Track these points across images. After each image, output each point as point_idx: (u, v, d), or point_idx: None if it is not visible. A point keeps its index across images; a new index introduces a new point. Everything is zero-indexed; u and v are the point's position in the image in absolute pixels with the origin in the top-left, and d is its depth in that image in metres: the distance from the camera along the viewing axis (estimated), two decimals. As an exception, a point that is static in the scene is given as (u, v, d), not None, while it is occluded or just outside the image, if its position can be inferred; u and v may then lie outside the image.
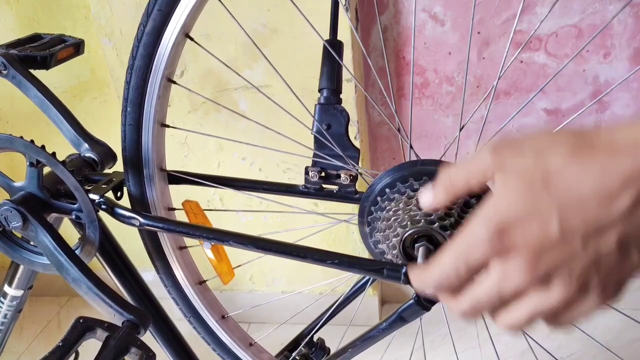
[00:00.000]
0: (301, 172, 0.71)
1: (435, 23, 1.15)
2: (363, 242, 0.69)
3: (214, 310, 0.84)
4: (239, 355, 0.85)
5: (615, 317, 1.39)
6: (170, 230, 0.68)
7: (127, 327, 0.61)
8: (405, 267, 0.62)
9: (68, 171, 0.62)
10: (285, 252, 0.65)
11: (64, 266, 0.64)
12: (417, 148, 1.29)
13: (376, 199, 0.64)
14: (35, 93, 0.71)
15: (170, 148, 0.72)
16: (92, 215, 0.65)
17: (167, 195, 0.76)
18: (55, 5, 1.26)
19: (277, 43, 1.11)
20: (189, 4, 0.61)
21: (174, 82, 0.68)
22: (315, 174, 0.69)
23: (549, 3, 1.09)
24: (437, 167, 0.61)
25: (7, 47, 0.73)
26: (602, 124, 1.22)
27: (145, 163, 0.70)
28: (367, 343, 0.74)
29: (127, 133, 0.69)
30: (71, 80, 1.34)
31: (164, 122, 0.71)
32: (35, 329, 1.58)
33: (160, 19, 0.62)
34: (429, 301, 0.66)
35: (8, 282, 0.83)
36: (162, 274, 0.80)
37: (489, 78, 1.19)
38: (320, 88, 0.68)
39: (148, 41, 0.64)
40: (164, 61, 0.65)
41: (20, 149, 0.62)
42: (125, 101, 0.68)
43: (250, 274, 1.46)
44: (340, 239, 1.33)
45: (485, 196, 0.52)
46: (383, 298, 1.52)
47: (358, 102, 1.17)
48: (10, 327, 0.87)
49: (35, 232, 0.64)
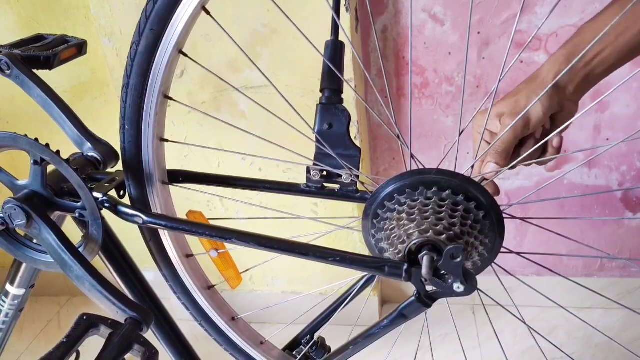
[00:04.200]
0: (301, 172, 0.71)
1: (435, 23, 1.15)
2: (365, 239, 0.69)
3: (224, 312, 0.84)
4: (251, 354, 0.86)
5: (615, 316, 1.40)
6: (173, 228, 0.68)
7: (130, 324, 0.61)
8: (407, 264, 0.62)
9: (72, 169, 0.62)
10: (287, 249, 0.65)
11: (68, 264, 0.64)
12: (417, 148, 1.30)
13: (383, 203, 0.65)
14: (39, 93, 0.71)
15: (171, 148, 0.73)
16: (95, 214, 0.65)
17: (171, 205, 0.76)
18: (55, 5, 1.26)
19: (277, 43, 1.12)
20: (181, 22, 0.61)
21: (170, 99, 0.68)
22: (316, 173, 0.70)
23: (549, 3, 1.10)
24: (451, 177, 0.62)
25: (11, 47, 0.73)
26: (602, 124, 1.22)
27: (147, 177, 0.71)
28: (368, 340, 0.74)
29: (126, 150, 0.69)
30: (72, 80, 1.35)
31: (163, 137, 0.71)
32: (36, 328, 1.59)
33: (153, 38, 0.62)
34: (430, 298, 0.66)
35: (10, 280, 0.83)
36: (171, 282, 0.80)
37: (489, 78, 1.20)
38: (322, 88, 0.68)
39: (142, 60, 0.63)
40: (159, 78, 0.65)
41: (25, 147, 0.62)
42: (123, 119, 0.67)
43: (251, 274, 1.46)
44: (340, 239, 1.34)
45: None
46: (383, 298, 1.52)
47: (358, 102, 1.17)
48: (11, 326, 0.87)
49: (39, 230, 0.64)
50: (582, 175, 1.29)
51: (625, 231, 1.36)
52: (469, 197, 0.62)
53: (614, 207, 1.33)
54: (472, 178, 0.63)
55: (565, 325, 1.40)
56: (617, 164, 1.27)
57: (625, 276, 1.41)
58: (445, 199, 0.62)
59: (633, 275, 1.41)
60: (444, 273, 0.61)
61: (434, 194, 0.62)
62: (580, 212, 1.35)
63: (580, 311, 1.42)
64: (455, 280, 0.60)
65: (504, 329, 1.40)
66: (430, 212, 0.62)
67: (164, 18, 0.61)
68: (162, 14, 0.60)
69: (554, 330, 1.39)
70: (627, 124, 1.21)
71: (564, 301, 1.41)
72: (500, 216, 0.63)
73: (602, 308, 1.43)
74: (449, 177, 0.62)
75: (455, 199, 0.62)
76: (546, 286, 1.18)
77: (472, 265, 0.66)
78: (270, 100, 1.15)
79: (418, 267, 0.61)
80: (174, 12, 0.60)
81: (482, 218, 0.62)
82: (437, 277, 0.61)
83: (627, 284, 1.41)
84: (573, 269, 1.43)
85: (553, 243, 1.38)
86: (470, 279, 0.61)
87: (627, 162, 1.26)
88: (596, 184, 1.30)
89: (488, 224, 0.63)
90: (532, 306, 1.42)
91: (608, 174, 1.28)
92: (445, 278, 0.61)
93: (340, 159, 0.67)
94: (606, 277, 1.42)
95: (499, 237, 0.64)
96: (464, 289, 0.61)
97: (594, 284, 1.41)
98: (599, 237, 1.37)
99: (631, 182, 1.28)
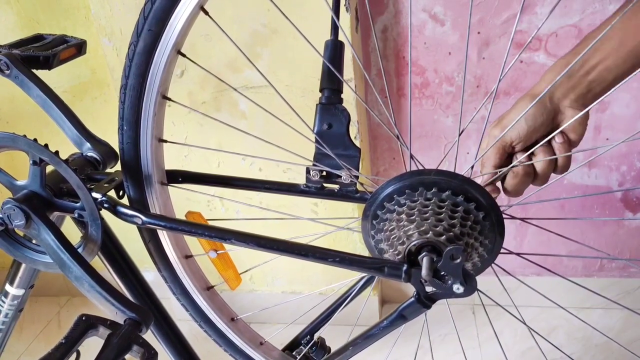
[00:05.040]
0: (301, 172, 0.71)
1: (435, 23, 1.15)
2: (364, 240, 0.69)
3: (224, 313, 0.84)
4: (251, 355, 0.86)
5: (615, 316, 1.40)
6: (172, 228, 0.68)
7: (129, 325, 0.61)
8: (406, 265, 0.62)
9: (71, 169, 0.62)
10: (287, 250, 0.65)
11: (67, 264, 0.64)
12: (417, 148, 1.29)
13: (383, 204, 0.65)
14: (38, 93, 0.71)
15: (171, 148, 0.73)
16: (94, 214, 0.65)
17: (170, 206, 0.76)
18: (55, 5, 1.26)
19: (277, 43, 1.11)
20: (179, 22, 0.61)
21: (168, 99, 0.68)
22: (316, 173, 0.70)
23: (549, 3, 1.10)
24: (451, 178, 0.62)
25: (10, 47, 0.73)
26: (602, 124, 1.22)
27: (146, 178, 0.71)
28: (368, 341, 0.74)
29: (125, 151, 0.69)
30: (71, 80, 1.35)
31: (162, 138, 0.71)
32: (35, 329, 1.58)
33: (151, 39, 0.62)
34: (430, 299, 0.66)
35: (10, 281, 0.83)
36: (170, 283, 0.80)
37: (489, 78, 1.19)
38: (322, 88, 0.68)
39: (140, 60, 0.63)
40: (157, 79, 0.64)
41: (24, 147, 0.62)
42: (121, 120, 0.67)
43: (251, 274, 1.46)
44: (340, 239, 1.34)
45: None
46: (383, 298, 1.52)
47: (358, 102, 1.17)
48: (11, 327, 0.87)
49: (37, 231, 0.64)
50: (582, 175, 1.29)
51: (625, 231, 1.36)
52: (468, 198, 0.62)
53: (614, 207, 1.33)
54: (472, 178, 0.63)
55: (565, 326, 1.40)
56: (617, 164, 1.27)
57: (625, 276, 1.41)
58: (444, 199, 0.62)
59: (633, 275, 1.41)
60: (444, 274, 0.61)
61: (434, 195, 0.62)
62: (580, 212, 1.35)
63: (580, 311, 1.42)
64: (455, 282, 0.60)
65: (504, 329, 1.40)
66: (430, 213, 0.62)
67: (162, 18, 0.60)
68: (160, 15, 0.60)
69: (553, 331, 1.39)
70: (627, 124, 1.21)
71: (564, 301, 1.41)
72: (500, 217, 0.63)
73: (601, 308, 1.43)
74: (449, 178, 0.62)
75: (455, 200, 0.62)
76: (546, 286, 1.17)
77: (471, 266, 0.65)
78: (270, 100, 1.15)
79: (418, 268, 0.61)
80: (172, 13, 0.60)
81: (482, 219, 0.62)
82: (436, 278, 0.61)
83: (627, 284, 1.41)
84: (573, 269, 1.42)
85: (553, 243, 1.38)
86: (470, 280, 0.61)
87: (627, 162, 1.26)
88: (596, 183, 1.30)
89: (488, 224, 0.63)
90: (532, 306, 1.42)
91: (608, 174, 1.28)
92: (445, 279, 0.61)
93: (340, 159, 0.67)
94: (606, 277, 1.42)
95: (499, 238, 0.64)
96: (464, 290, 0.61)
97: (593, 284, 1.41)
98: (599, 237, 1.37)
99: (631, 182, 1.28)
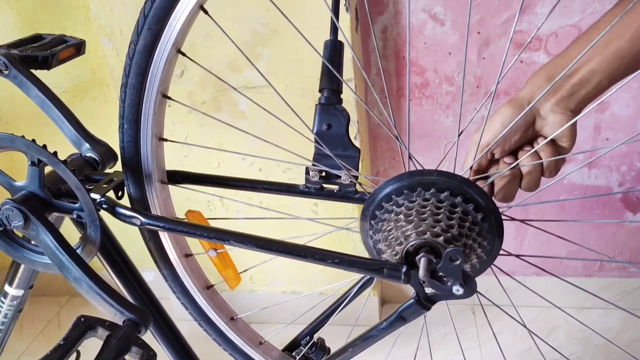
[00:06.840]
0: (301, 172, 0.71)
1: (435, 23, 1.15)
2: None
3: (223, 312, 0.84)
4: (250, 355, 0.86)
5: (614, 317, 1.40)
6: (171, 229, 0.68)
7: (128, 326, 0.61)
8: (405, 266, 0.62)
9: (70, 170, 0.62)
10: (286, 251, 0.65)
11: (65, 265, 0.64)
12: (417, 148, 1.29)
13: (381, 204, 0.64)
14: (37, 93, 0.71)
15: (171, 147, 0.72)
16: (93, 215, 0.65)
17: (170, 205, 0.76)
18: (55, 6, 1.26)
19: (277, 43, 1.11)
20: (179, 21, 0.61)
21: (169, 98, 0.68)
22: (315, 174, 0.69)
23: (549, 3, 1.10)
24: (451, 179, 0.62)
25: (9, 47, 0.73)
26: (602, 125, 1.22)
27: (146, 177, 0.71)
28: (368, 342, 0.74)
29: (125, 149, 0.69)
30: (71, 80, 1.34)
31: (162, 137, 0.71)
32: (35, 329, 1.58)
33: (151, 37, 0.62)
34: (429, 300, 0.66)
35: (9, 281, 0.83)
36: (170, 282, 0.80)
37: (489, 78, 1.19)
38: (321, 88, 0.68)
39: (140, 59, 0.63)
40: (157, 78, 0.64)
41: (22, 148, 0.62)
42: (122, 118, 0.67)
43: (250, 274, 1.46)
44: (340, 239, 1.34)
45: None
46: (383, 298, 1.52)
47: (358, 102, 1.17)
48: (10, 327, 0.87)
49: (36, 232, 0.64)
50: (582, 175, 1.29)
51: (625, 231, 1.35)
52: (467, 199, 0.62)
53: (614, 207, 1.33)
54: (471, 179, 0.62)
55: (565, 326, 1.39)
56: (617, 164, 1.27)
57: (624, 276, 1.41)
58: (443, 200, 0.62)
59: (632, 275, 1.40)
60: (443, 275, 0.60)
61: (432, 196, 0.62)
62: (580, 212, 1.34)
63: (579, 311, 1.42)
64: (455, 283, 0.60)
65: (504, 329, 1.40)
66: (428, 213, 0.61)
67: (162, 17, 0.61)
68: (160, 13, 0.60)
69: (553, 331, 1.39)
70: (627, 124, 1.21)
71: (564, 301, 1.42)
72: (499, 218, 0.63)
73: (601, 308, 1.43)
74: (448, 179, 0.62)
75: (454, 201, 0.62)
76: (546, 286, 1.17)
77: (470, 268, 0.65)
78: (270, 100, 1.15)
79: (417, 269, 0.61)
80: (171, 12, 0.60)
81: (480, 220, 0.62)
82: (435, 280, 0.61)
83: (626, 284, 1.41)
84: (573, 269, 1.42)
85: (553, 244, 1.38)
86: (469, 281, 0.60)
87: (627, 162, 1.26)
88: (596, 184, 1.30)
89: (487, 226, 0.63)
90: (532, 306, 1.41)
91: (608, 174, 1.28)
92: (445, 280, 0.61)
93: (339, 160, 0.67)
94: (606, 277, 1.42)
95: (498, 239, 0.64)
96: (463, 291, 0.61)
97: (593, 284, 1.41)
98: (599, 237, 1.37)
99: (631, 182, 1.28)
